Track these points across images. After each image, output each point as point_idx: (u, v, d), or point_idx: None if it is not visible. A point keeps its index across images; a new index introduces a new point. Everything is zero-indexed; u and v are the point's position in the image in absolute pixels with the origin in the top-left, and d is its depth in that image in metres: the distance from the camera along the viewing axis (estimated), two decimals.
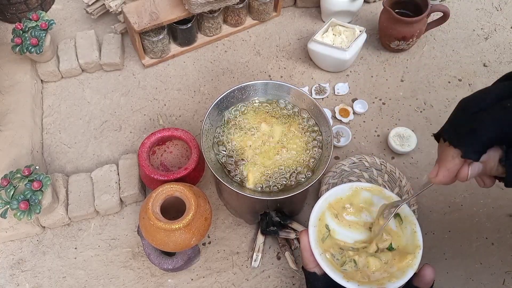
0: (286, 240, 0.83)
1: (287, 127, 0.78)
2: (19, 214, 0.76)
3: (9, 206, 0.76)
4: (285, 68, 1.09)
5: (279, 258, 0.83)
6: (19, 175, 0.79)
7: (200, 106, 1.02)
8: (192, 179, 0.84)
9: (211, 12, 1.04)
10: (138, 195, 0.86)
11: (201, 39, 1.11)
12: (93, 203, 0.85)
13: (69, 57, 1.04)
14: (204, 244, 0.85)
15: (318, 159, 0.75)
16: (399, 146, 0.93)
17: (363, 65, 1.10)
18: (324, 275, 0.57)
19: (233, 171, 0.74)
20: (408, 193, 0.86)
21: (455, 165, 0.48)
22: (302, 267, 0.62)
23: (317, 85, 1.05)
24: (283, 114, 0.80)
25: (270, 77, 1.07)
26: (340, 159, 0.94)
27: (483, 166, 0.48)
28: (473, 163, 0.47)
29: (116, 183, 0.86)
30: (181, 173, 0.79)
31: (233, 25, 1.13)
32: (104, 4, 1.07)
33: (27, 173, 0.79)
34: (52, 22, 0.98)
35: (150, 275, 0.81)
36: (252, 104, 0.81)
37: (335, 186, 0.80)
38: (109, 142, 0.97)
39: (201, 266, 0.82)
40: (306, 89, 1.05)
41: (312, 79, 1.07)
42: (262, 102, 0.81)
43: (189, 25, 1.04)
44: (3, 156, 0.87)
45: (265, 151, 0.75)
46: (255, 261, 0.81)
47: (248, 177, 0.73)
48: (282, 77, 1.07)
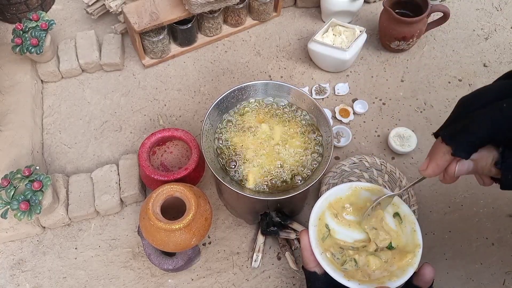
0: (286, 240, 0.83)
1: (287, 128, 0.78)
2: (19, 214, 0.76)
3: (9, 206, 0.76)
4: (285, 68, 1.09)
5: (279, 258, 0.83)
6: (19, 176, 0.79)
7: (200, 106, 1.02)
8: (192, 179, 0.84)
9: (211, 12, 1.04)
10: (138, 195, 0.86)
11: (201, 39, 1.11)
12: (94, 203, 0.85)
13: (69, 57, 1.04)
14: (204, 244, 0.85)
15: (318, 159, 0.75)
16: (399, 146, 0.93)
17: (363, 65, 1.10)
18: (324, 274, 0.57)
19: (233, 171, 0.74)
20: (408, 193, 0.86)
21: (445, 161, 0.49)
22: (302, 267, 0.62)
23: (317, 85, 1.05)
24: (283, 114, 0.80)
25: (270, 77, 1.07)
26: (340, 159, 0.94)
27: (474, 164, 0.48)
28: (461, 160, 0.48)
29: (116, 183, 0.86)
30: (181, 173, 0.79)
31: (233, 25, 1.13)
32: (104, 4, 1.08)
33: (28, 174, 0.79)
34: (52, 22, 0.98)
35: (150, 275, 0.81)
36: (252, 104, 0.81)
37: (335, 186, 0.80)
38: (109, 142, 0.97)
39: (202, 266, 0.82)
40: (306, 89, 1.05)
41: (312, 79, 1.07)
42: (262, 102, 0.81)
43: (189, 25, 1.04)
44: (3, 156, 0.87)
45: (265, 152, 0.76)
46: (255, 261, 0.81)
47: (248, 177, 0.73)
48: (282, 77, 1.07)
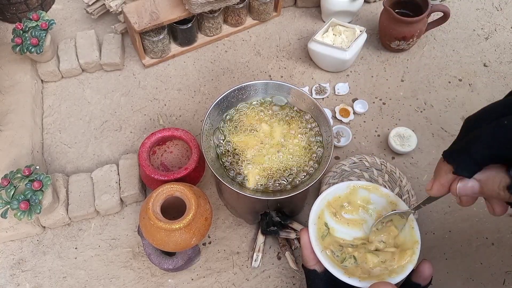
0: (286, 240, 0.83)
1: (287, 127, 0.78)
2: (19, 214, 0.76)
3: (9, 206, 0.76)
4: (285, 68, 1.09)
5: (279, 258, 0.83)
6: (19, 175, 0.79)
7: (200, 106, 1.02)
8: (192, 179, 0.84)
9: (211, 12, 1.04)
10: (138, 195, 0.86)
11: (201, 39, 1.11)
12: (94, 203, 0.85)
13: (69, 57, 1.04)
14: (204, 244, 0.85)
15: (318, 159, 0.75)
16: (399, 146, 0.93)
17: (363, 65, 1.10)
18: (324, 272, 0.58)
19: (234, 171, 0.74)
20: (408, 193, 0.86)
21: (448, 181, 0.48)
22: (302, 265, 0.63)
23: (317, 85, 1.05)
24: (283, 114, 0.80)
25: (270, 77, 1.07)
26: (340, 159, 0.94)
27: (480, 186, 0.46)
28: (463, 179, 0.46)
29: (116, 183, 0.86)
30: (181, 173, 0.79)
31: (233, 25, 1.13)
32: (104, 4, 1.08)
33: (28, 173, 0.79)
34: (52, 22, 0.98)
35: (150, 275, 0.81)
36: (252, 104, 0.81)
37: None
38: (109, 142, 0.97)
39: (202, 266, 0.82)
40: (306, 89, 1.05)
41: (312, 79, 1.07)
42: (262, 102, 0.81)
43: (190, 25, 1.04)
44: (3, 156, 0.87)
45: (265, 151, 0.76)
46: (256, 261, 0.81)
47: (248, 177, 0.73)
48: (282, 77, 1.07)
